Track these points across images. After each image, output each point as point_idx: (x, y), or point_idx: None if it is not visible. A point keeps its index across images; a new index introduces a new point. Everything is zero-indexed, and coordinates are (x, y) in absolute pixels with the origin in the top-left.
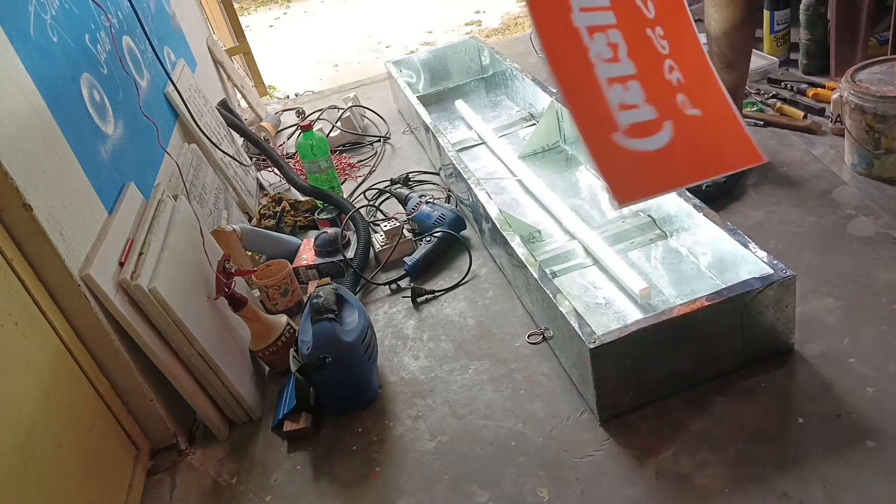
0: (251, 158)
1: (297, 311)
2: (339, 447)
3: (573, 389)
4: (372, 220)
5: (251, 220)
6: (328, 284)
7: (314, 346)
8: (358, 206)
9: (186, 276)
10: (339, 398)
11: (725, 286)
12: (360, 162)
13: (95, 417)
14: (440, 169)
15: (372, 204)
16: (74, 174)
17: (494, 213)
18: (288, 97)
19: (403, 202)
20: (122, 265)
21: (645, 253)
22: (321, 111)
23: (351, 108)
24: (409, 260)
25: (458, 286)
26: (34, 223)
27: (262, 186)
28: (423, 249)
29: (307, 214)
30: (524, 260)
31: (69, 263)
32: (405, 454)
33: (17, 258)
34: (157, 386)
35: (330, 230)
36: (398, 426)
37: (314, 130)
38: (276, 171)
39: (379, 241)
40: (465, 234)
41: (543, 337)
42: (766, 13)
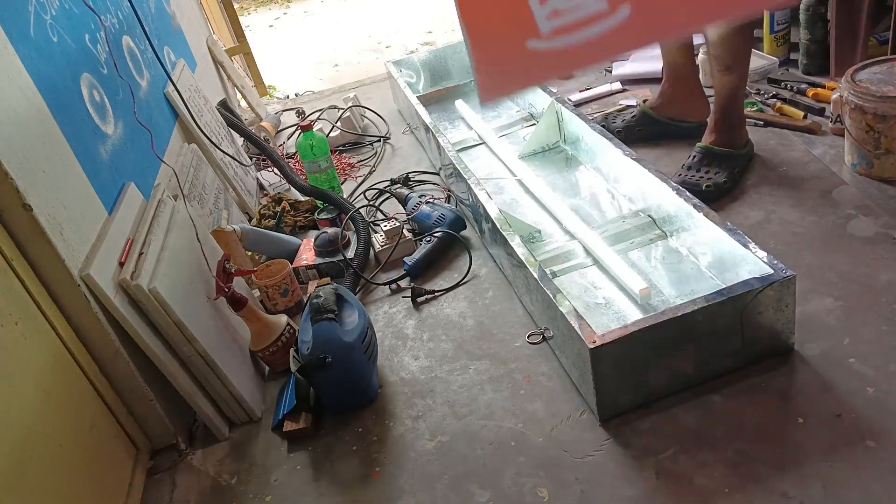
0: (251, 158)
1: (297, 311)
2: (339, 447)
3: (573, 389)
4: (372, 220)
5: (251, 220)
6: (328, 284)
7: (314, 346)
8: (358, 206)
9: (186, 276)
10: (339, 398)
11: (725, 286)
12: (360, 162)
13: (95, 417)
14: (440, 169)
15: (372, 204)
16: (74, 174)
17: (494, 213)
18: (288, 97)
19: (403, 202)
20: (122, 265)
21: (645, 253)
22: (321, 111)
23: (351, 108)
24: (409, 260)
25: (458, 286)
26: (34, 223)
27: (262, 186)
28: (423, 249)
29: (307, 214)
30: (524, 260)
31: (69, 263)
32: (405, 454)
33: (17, 258)
34: (157, 386)
35: (330, 230)
36: (398, 426)
37: (314, 130)
38: (276, 171)
39: (379, 241)
40: (465, 234)
41: (543, 337)
42: (765, 13)
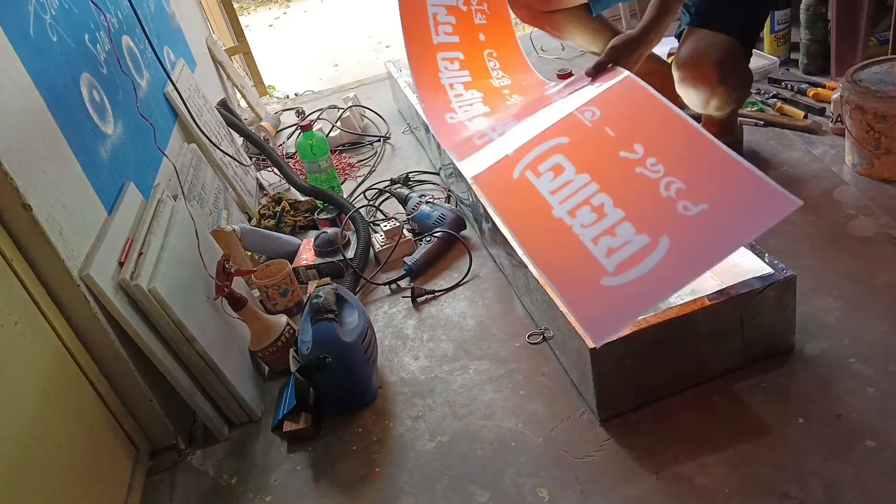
0: (251, 158)
1: (297, 311)
2: (339, 447)
3: (573, 389)
4: (372, 220)
5: (251, 220)
6: (328, 284)
7: (314, 346)
8: (358, 206)
9: (186, 276)
10: (338, 398)
11: (725, 286)
12: (360, 162)
13: (95, 417)
14: (440, 169)
15: (372, 204)
16: (74, 174)
17: (494, 212)
18: (288, 97)
19: (403, 202)
20: (121, 265)
21: None
22: (321, 111)
23: (351, 107)
24: (409, 260)
25: (458, 286)
26: (34, 223)
27: (261, 186)
28: (423, 249)
29: (307, 214)
30: (524, 260)
31: (69, 263)
32: (405, 454)
33: (17, 258)
34: (156, 386)
35: (330, 230)
36: (398, 426)
37: (314, 130)
38: (275, 170)
39: (379, 241)
40: (465, 234)
41: (543, 337)
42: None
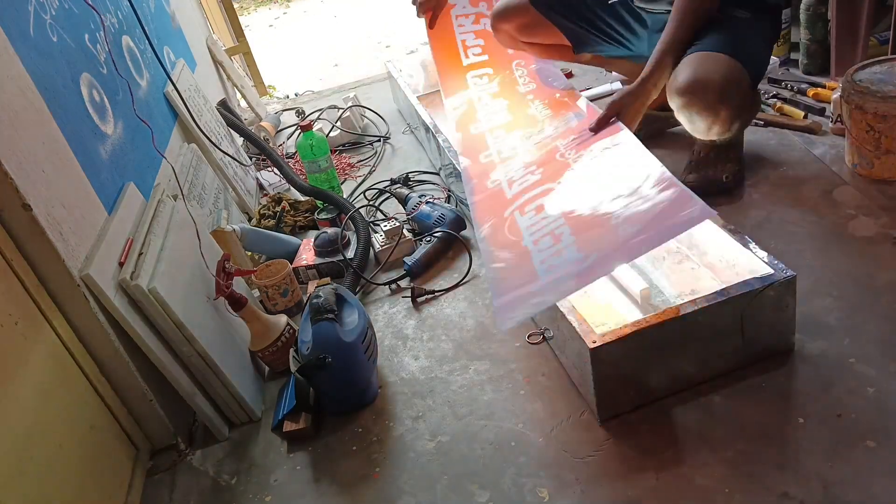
0: (251, 158)
1: (297, 311)
2: (339, 447)
3: (573, 389)
4: (372, 220)
5: (251, 220)
6: (328, 284)
7: (314, 346)
8: (358, 206)
9: (186, 276)
10: (339, 398)
11: (725, 286)
12: (360, 162)
13: (95, 417)
14: (440, 169)
15: (372, 204)
16: (74, 174)
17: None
18: (288, 97)
19: (403, 202)
20: (121, 265)
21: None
22: (321, 111)
23: (351, 107)
24: (409, 260)
25: (458, 286)
26: (34, 223)
27: (261, 186)
28: (423, 249)
29: (307, 214)
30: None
31: (69, 263)
32: (405, 454)
33: (16, 258)
34: (156, 386)
35: (330, 230)
36: (398, 426)
37: (314, 130)
38: (275, 171)
39: (379, 241)
40: (465, 234)
41: (543, 337)
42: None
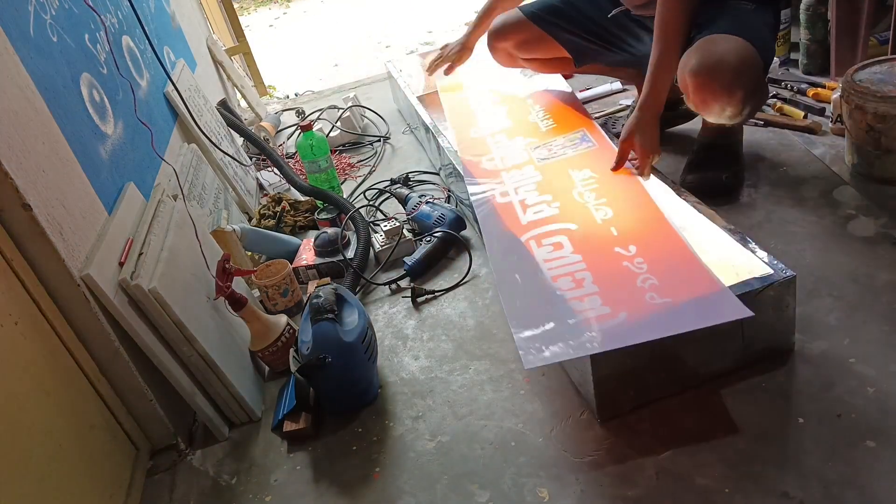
0: (251, 158)
1: (297, 311)
2: (339, 447)
3: (573, 389)
4: (372, 220)
5: (251, 220)
6: (328, 284)
7: (314, 346)
8: (358, 206)
9: (186, 276)
10: (339, 398)
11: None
12: (360, 162)
13: (95, 417)
14: (440, 169)
15: (372, 204)
16: (74, 174)
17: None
18: (288, 97)
19: (403, 202)
20: (121, 265)
21: None
22: (321, 111)
23: (351, 107)
24: (409, 260)
25: (458, 286)
26: (34, 223)
27: (261, 186)
28: (423, 249)
29: (307, 214)
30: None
31: (69, 263)
32: (405, 454)
33: (17, 258)
34: (156, 386)
35: (330, 230)
36: (398, 426)
37: (314, 130)
38: (276, 171)
39: (379, 241)
40: (465, 234)
41: None
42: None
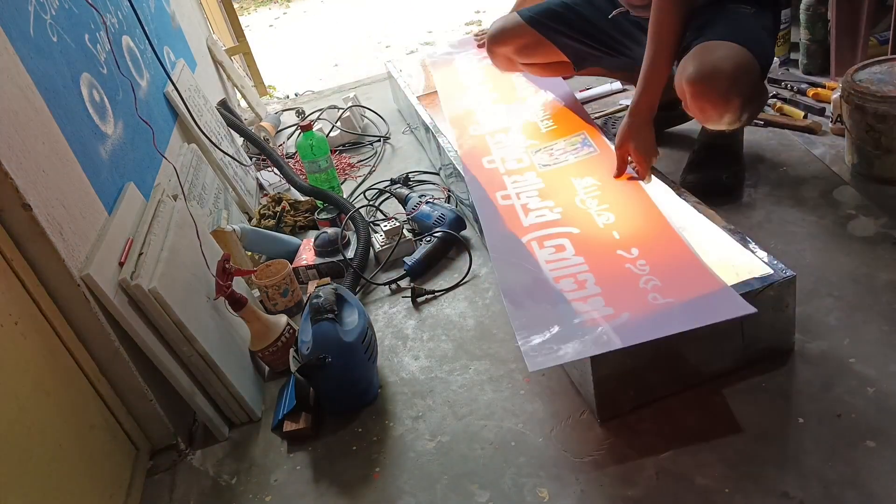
0: (251, 158)
1: (297, 311)
2: (339, 447)
3: (573, 389)
4: (372, 220)
5: (251, 220)
6: (328, 284)
7: (314, 346)
8: (358, 206)
9: (186, 276)
10: (339, 398)
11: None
12: (360, 162)
13: (95, 417)
14: (440, 169)
15: (372, 204)
16: (74, 174)
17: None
18: (288, 97)
19: (403, 202)
20: (121, 265)
21: None
22: (321, 111)
23: (351, 107)
24: (409, 260)
25: (458, 286)
26: (34, 223)
27: (261, 186)
28: (423, 249)
29: (307, 214)
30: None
31: (69, 263)
32: (405, 454)
33: (17, 258)
34: (156, 386)
35: (330, 230)
36: (398, 426)
37: (314, 130)
38: (276, 171)
39: (379, 241)
40: (465, 234)
41: None
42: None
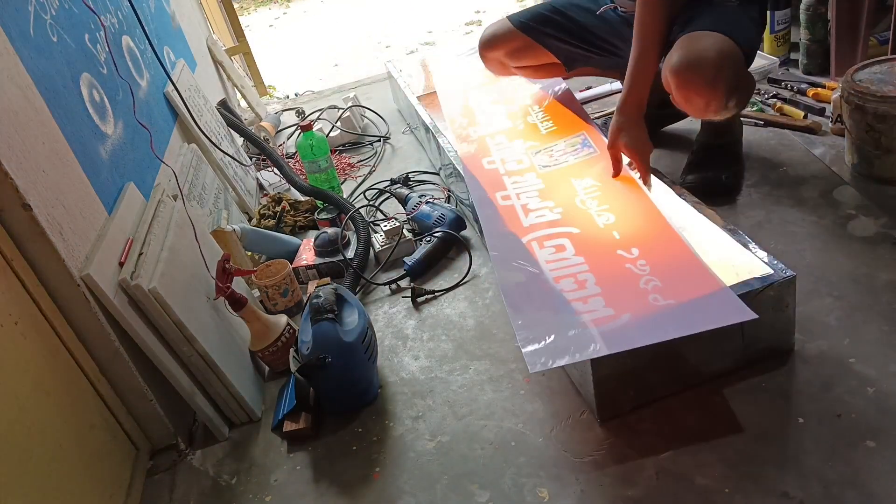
0: (251, 158)
1: (297, 311)
2: (339, 447)
3: (573, 389)
4: (372, 220)
5: (251, 220)
6: (328, 284)
7: (314, 346)
8: (358, 206)
9: (186, 276)
10: (339, 398)
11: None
12: (360, 162)
13: (95, 417)
14: (440, 169)
15: (372, 204)
16: (74, 174)
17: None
18: (288, 97)
19: (403, 202)
20: (121, 265)
21: None
22: (321, 111)
23: (351, 108)
24: (409, 260)
25: (458, 286)
26: (34, 223)
27: (261, 186)
28: (423, 249)
29: (307, 214)
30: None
31: (69, 263)
32: (405, 454)
33: (17, 258)
34: (156, 386)
35: (330, 230)
36: (398, 426)
37: (314, 130)
38: (276, 171)
39: (379, 241)
40: (465, 234)
41: None
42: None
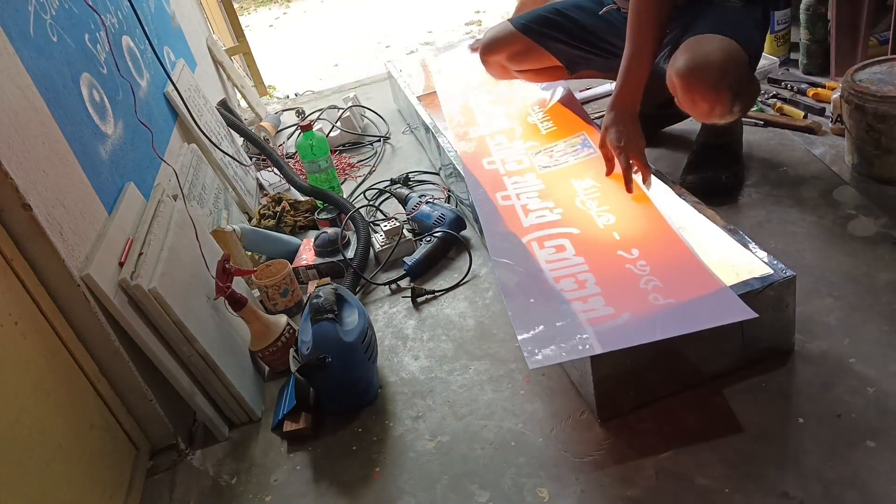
0: (251, 158)
1: (297, 311)
2: (339, 447)
3: (573, 389)
4: (372, 220)
5: (251, 220)
6: (328, 284)
7: (314, 346)
8: (358, 206)
9: (186, 276)
10: (339, 398)
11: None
12: (360, 162)
13: (95, 417)
14: (440, 169)
15: (372, 204)
16: (74, 174)
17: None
18: (288, 97)
19: (403, 202)
20: (121, 265)
21: None
22: (321, 111)
23: (351, 108)
24: (409, 260)
25: (458, 286)
26: (34, 223)
27: (261, 186)
28: (423, 249)
29: (307, 214)
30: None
31: (69, 263)
32: (405, 454)
33: (17, 258)
34: (156, 386)
35: (330, 230)
36: (398, 426)
37: (314, 130)
38: (275, 171)
39: (379, 241)
40: (465, 234)
41: None
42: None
